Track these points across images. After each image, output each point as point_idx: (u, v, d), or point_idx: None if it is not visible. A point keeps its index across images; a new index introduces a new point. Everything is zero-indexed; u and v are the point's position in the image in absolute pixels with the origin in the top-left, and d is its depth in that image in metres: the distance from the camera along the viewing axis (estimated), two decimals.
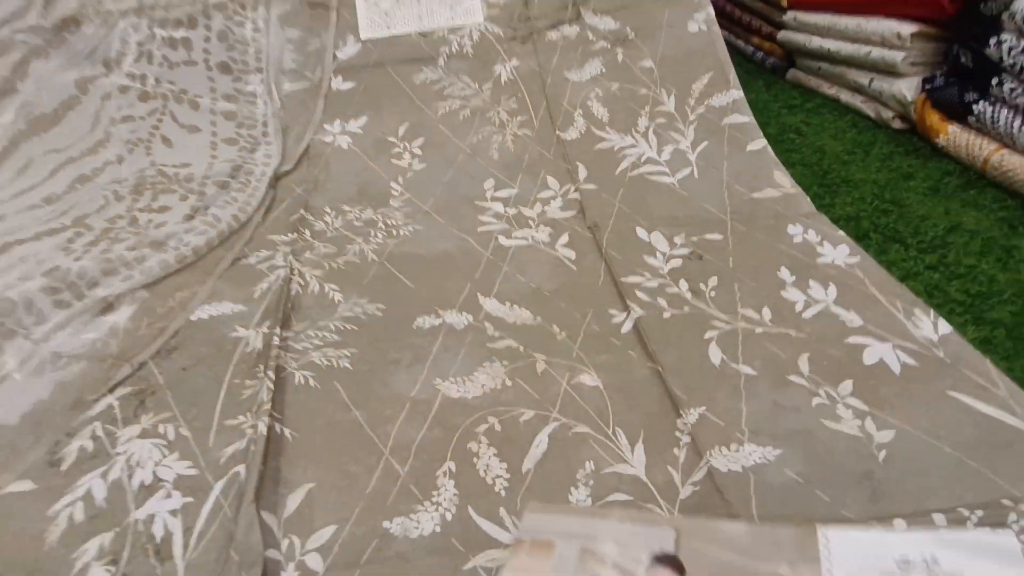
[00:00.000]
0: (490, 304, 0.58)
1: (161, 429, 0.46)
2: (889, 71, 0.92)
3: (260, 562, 0.36)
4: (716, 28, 0.85)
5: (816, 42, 1.06)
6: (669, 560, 0.32)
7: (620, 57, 0.84)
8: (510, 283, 0.60)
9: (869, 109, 0.96)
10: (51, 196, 0.69)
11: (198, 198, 0.72)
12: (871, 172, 0.80)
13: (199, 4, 0.81)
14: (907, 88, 0.89)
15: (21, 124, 0.70)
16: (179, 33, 0.78)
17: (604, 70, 0.84)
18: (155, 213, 0.70)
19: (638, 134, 0.78)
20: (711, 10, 0.86)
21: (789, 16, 1.13)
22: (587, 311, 0.56)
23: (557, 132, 0.80)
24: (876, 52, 0.93)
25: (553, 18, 0.88)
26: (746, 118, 0.79)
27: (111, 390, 0.49)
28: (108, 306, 0.57)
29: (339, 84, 0.86)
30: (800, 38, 1.11)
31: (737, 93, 0.81)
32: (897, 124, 0.92)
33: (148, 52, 0.76)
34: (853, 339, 0.52)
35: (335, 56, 0.87)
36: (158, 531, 0.39)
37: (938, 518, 0.37)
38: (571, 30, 0.87)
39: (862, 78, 0.97)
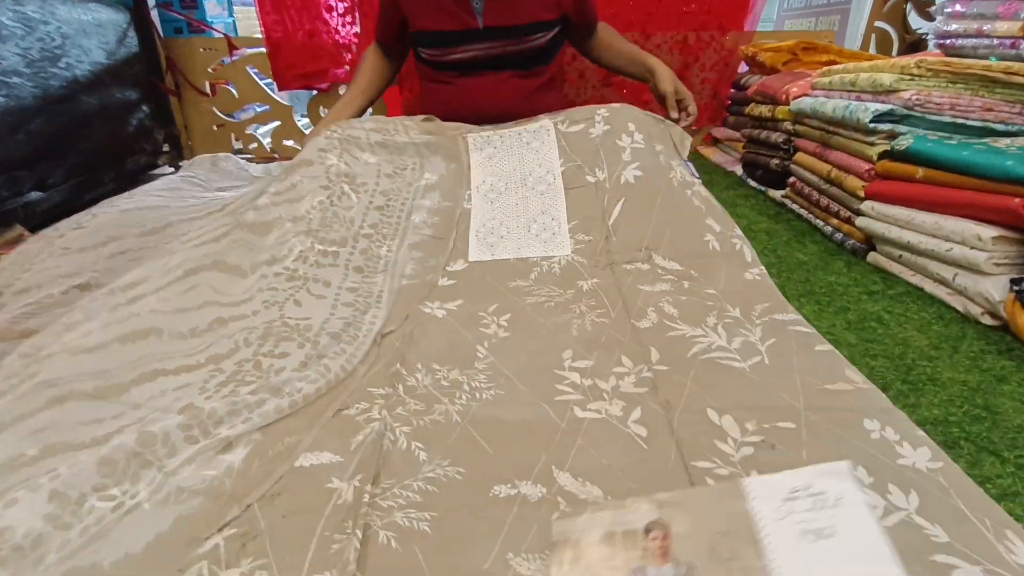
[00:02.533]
0: (563, 477, 0.61)
1: (256, 575, 0.51)
2: (973, 269, 0.93)
3: None
4: (768, 278, 0.98)
5: (895, 232, 1.09)
6: (656, 525, 0.49)
7: (687, 285, 0.98)
8: (584, 457, 0.64)
9: (956, 302, 0.96)
10: (195, 329, 0.81)
11: (312, 346, 0.82)
12: (960, 372, 0.79)
13: (352, 231, 1.08)
14: (994, 287, 0.89)
15: (207, 261, 0.87)
16: (332, 248, 1.01)
17: (673, 289, 0.97)
18: (276, 359, 0.80)
19: (707, 327, 0.84)
20: (763, 268, 1.01)
21: (867, 205, 1.18)
22: (656, 494, 0.58)
23: (632, 321, 0.87)
24: (957, 250, 0.95)
25: (628, 256, 1.07)
26: (810, 330, 0.83)
27: (220, 529, 0.55)
28: (228, 445, 0.65)
29: (444, 282, 1.05)
30: (879, 227, 1.14)
31: (797, 316, 0.86)
32: (987, 320, 0.91)
33: (305, 256, 0.95)
34: (939, 557, 0.50)
35: (445, 269, 1.08)
36: None
37: None
38: (644, 266, 1.05)
39: (946, 272, 0.98)
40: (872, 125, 1.15)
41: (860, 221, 1.19)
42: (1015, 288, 0.85)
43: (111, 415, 0.66)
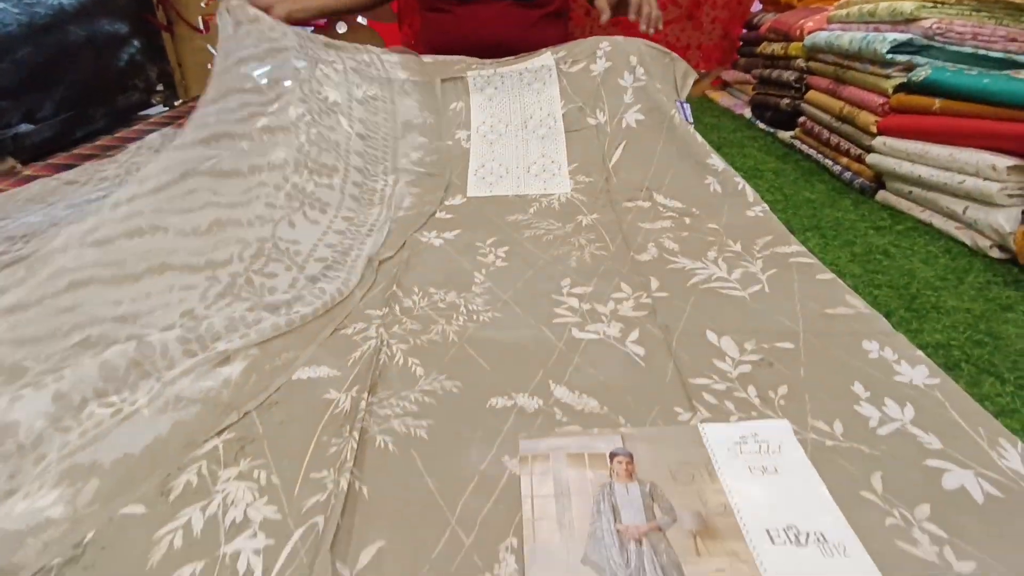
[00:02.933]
0: (560, 391, 0.61)
1: (255, 474, 0.51)
2: (985, 201, 0.91)
3: None
4: (771, 215, 0.96)
5: (906, 167, 1.07)
6: (622, 452, 0.52)
7: (688, 221, 0.96)
8: (581, 375, 0.63)
9: (964, 236, 0.94)
10: (197, 228, 0.80)
11: (299, 270, 0.82)
12: (965, 300, 0.78)
13: (342, 157, 1.07)
14: (1005, 219, 0.87)
15: (203, 165, 0.85)
16: (325, 171, 1.02)
17: (674, 225, 0.95)
18: (265, 278, 0.79)
19: (708, 260, 0.83)
20: (766, 206, 0.98)
21: (879, 141, 1.15)
22: (653, 407, 0.58)
23: (632, 254, 0.86)
24: (970, 182, 0.93)
25: (629, 195, 1.06)
26: (813, 260, 0.82)
27: (218, 433, 0.56)
28: (225, 359, 0.65)
29: (441, 215, 1.04)
30: (890, 162, 1.12)
31: (801, 248, 0.85)
32: (995, 253, 0.89)
33: (300, 170, 0.95)
34: (931, 462, 0.50)
35: (443, 203, 1.08)
36: (242, 567, 0.43)
37: None
38: (644, 204, 1.03)
39: (956, 205, 0.96)
40: (890, 56, 1.11)
41: (871, 158, 1.16)
42: None
43: (129, 298, 0.66)
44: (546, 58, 1.29)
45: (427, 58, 1.33)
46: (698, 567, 0.43)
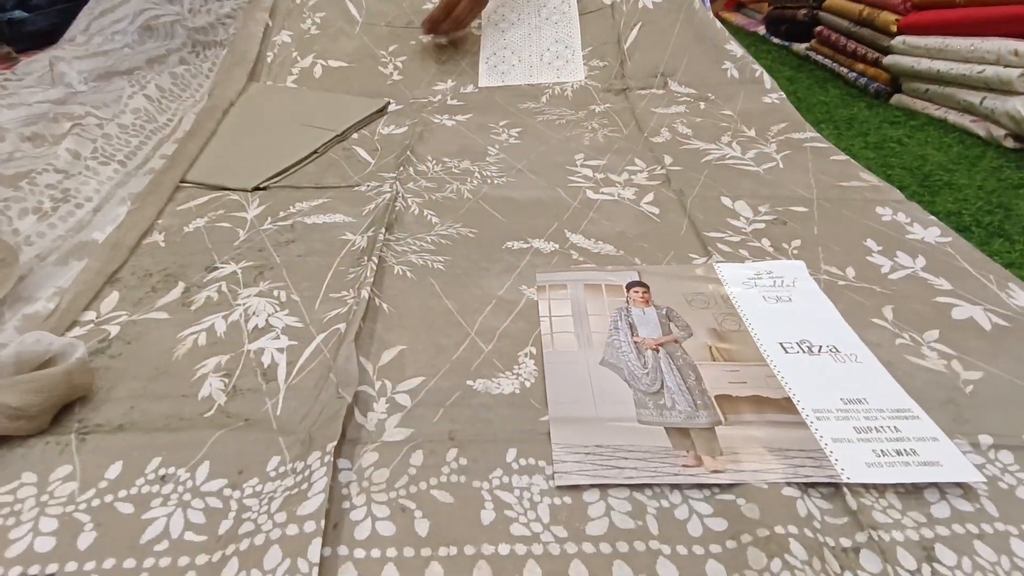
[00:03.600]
0: (576, 238, 0.61)
1: (276, 293, 0.52)
2: (1004, 89, 0.90)
3: (355, 383, 0.40)
4: (787, 103, 0.94)
5: (925, 64, 1.05)
6: (639, 283, 0.53)
7: (702, 106, 0.94)
8: (596, 226, 0.64)
9: (979, 128, 0.94)
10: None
11: None
12: (977, 179, 0.78)
13: None
14: (1022, 105, 0.86)
15: None
16: None
17: (688, 111, 0.94)
18: None
19: (722, 143, 0.82)
20: (782, 94, 0.96)
21: (898, 40, 1.13)
22: (668, 252, 0.58)
23: (645, 136, 0.85)
24: (990, 70, 0.91)
25: (643, 82, 1.04)
26: (827, 144, 0.81)
27: (236, 260, 0.56)
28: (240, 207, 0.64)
29: (453, 102, 1.01)
30: (908, 61, 1.10)
31: (815, 134, 0.84)
32: (1009, 143, 0.89)
33: None
34: (941, 299, 0.51)
35: (459, 91, 1.05)
36: (266, 360, 0.44)
37: None
38: (659, 91, 1.01)
39: (973, 97, 0.95)
40: None
41: (888, 59, 1.14)
42: None
43: None
44: None
45: None
46: (713, 369, 0.44)
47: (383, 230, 0.59)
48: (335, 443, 0.36)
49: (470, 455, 0.37)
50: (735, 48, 1.06)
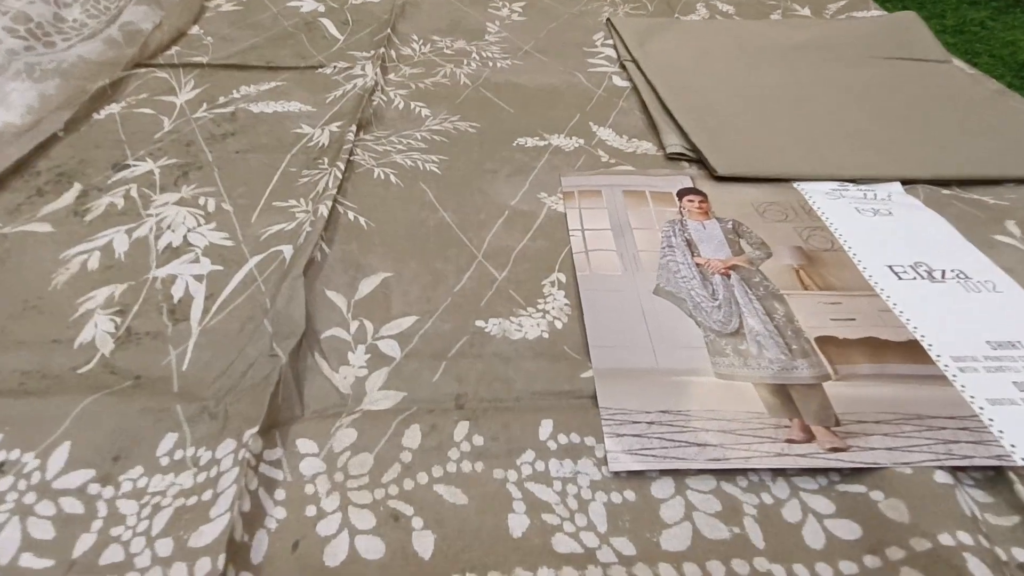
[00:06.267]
0: (605, 132, 0.48)
1: (202, 201, 0.39)
2: None
3: (297, 335, 0.29)
4: None
5: None
6: (693, 191, 0.41)
7: None
8: (628, 117, 0.50)
9: None
10: None
11: None
12: None
13: None
14: None
15: None
16: None
17: None
18: None
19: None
20: None
21: None
22: None
23: (676, 15, 0.70)
24: None
25: None
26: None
27: (155, 157, 0.42)
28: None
29: None
30: None
31: (882, 12, 0.69)
32: None
33: None
34: None
35: None
36: (177, 291, 0.32)
37: None
38: None
39: None
40: None
41: None
42: None
43: None
44: None
45: None
46: (806, 301, 0.33)
47: (354, 127, 0.45)
48: (255, 429, 0.24)
49: (487, 431, 0.26)
50: None
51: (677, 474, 0.25)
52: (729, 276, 0.34)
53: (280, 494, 0.24)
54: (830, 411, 0.27)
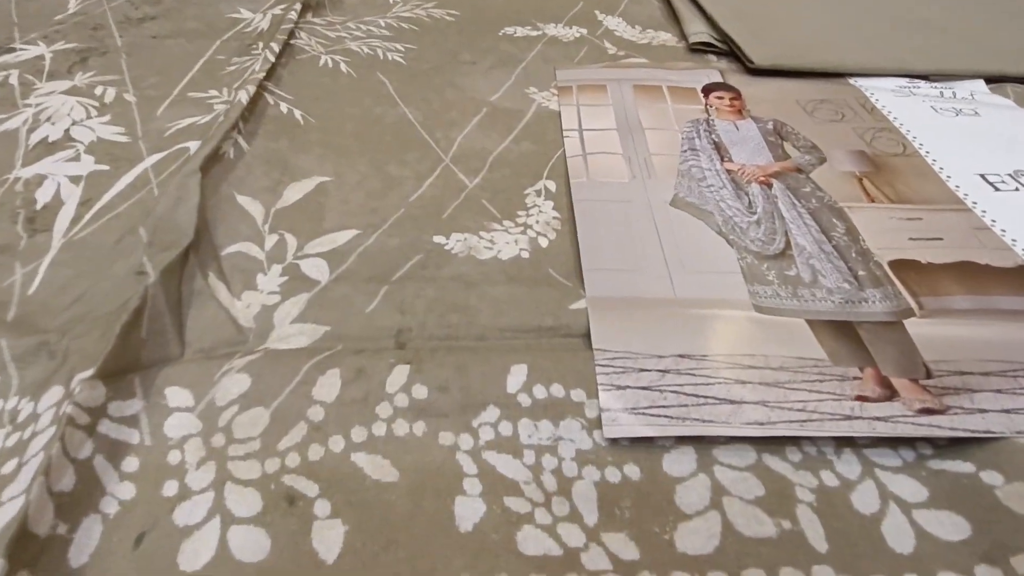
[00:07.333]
0: (613, 21, 0.39)
1: (98, 91, 0.31)
2: None
3: (180, 246, 0.21)
4: None
5: None
6: (722, 86, 0.32)
7: None
8: (641, 6, 0.41)
9: None
10: None
11: None
12: None
13: None
14: None
15: None
16: None
17: None
18: None
19: None
20: None
21: None
22: None
23: None
24: None
25: None
26: None
27: (50, 41, 0.34)
28: None
29: None
30: None
31: None
32: None
33: None
34: None
35: None
36: (44, 195, 0.25)
37: None
38: None
39: None
40: None
41: None
42: None
43: None
44: None
45: None
46: (872, 214, 0.25)
47: (298, 6, 0.37)
48: (90, 372, 0.17)
49: (434, 379, 0.19)
50: None
51: (701, 443, 0.17)
52: (771, 185, 0.26)
53: (130, 464, 0.16)
54: (917, 358, 0.19)
